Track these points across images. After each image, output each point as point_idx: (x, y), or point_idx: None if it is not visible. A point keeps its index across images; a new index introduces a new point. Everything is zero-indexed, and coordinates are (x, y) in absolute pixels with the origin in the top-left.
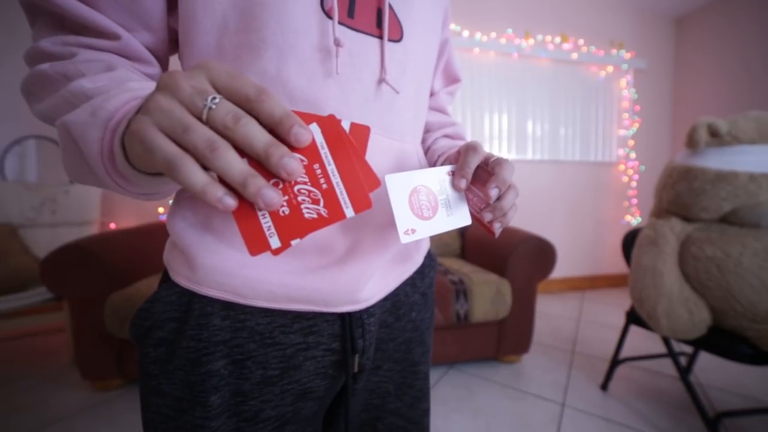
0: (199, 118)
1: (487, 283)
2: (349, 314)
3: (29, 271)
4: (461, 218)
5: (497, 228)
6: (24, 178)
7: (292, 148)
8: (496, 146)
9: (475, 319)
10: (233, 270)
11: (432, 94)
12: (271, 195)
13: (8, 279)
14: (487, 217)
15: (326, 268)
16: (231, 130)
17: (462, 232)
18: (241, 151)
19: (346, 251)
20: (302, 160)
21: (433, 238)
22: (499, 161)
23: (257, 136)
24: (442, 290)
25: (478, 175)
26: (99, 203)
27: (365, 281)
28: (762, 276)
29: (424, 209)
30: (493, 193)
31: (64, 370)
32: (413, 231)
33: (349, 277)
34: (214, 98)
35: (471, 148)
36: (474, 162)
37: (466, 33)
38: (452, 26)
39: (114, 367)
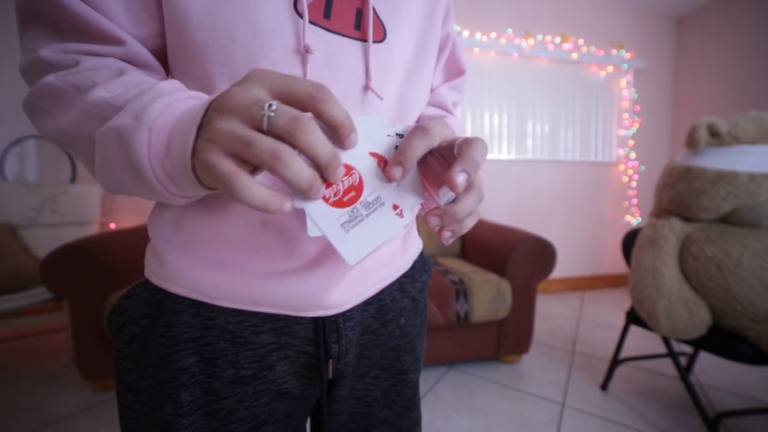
0: (261, 129)
1: (487, 283)
2: (323, 318)
3: (29, 271)
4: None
5: (447, 237)
6: (24, 178)
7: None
8: (496, 146)
9: (475, 319)
10: (199, 269)
11: (431, 90)
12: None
13: (8, 279)
14: (433, 222)
15: (292, 273)
16: (294, 138)
17: None
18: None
19: (316, 256)
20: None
21: (432, 238)
22: (467, 140)
23: (320, 147)
24: (442, 290)
25: (434, 163)
26: (99, 203)
27: (332, 288)
28: (762, 276)
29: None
30: (460, 178)
31: (64, 370)
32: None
33: (315, 283)
34: (271, 105)
35: (419, 130)
36: (418, 148)
37: (466, 33)
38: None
39: (114, 367)
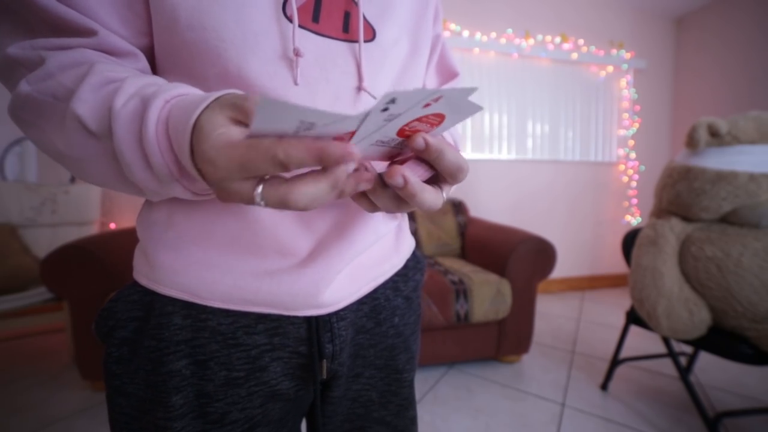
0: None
1: (487, 283)
2: (316, 318)
3: (29, 271)
4: None
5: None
6: (24, 178)
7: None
8: (496, 146)
9: (475, 319)
10: (189, 269)
11: None
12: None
13: (8, 279)
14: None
15: (285, 272)
16: (289, 203)
17: (462, 231)
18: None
19: (308, 255)
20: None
21: (432, 238)
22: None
23: (316, 193)
24: (442, 290)
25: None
26: (99, 203)
27: (325, 286)
28: (762, 276)
29: None
30: (397, 180)
31: (64, 370)
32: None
33: (308, 281)
34: (261, 200)
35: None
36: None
37: (466, 33)
38: (452, 26)
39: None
